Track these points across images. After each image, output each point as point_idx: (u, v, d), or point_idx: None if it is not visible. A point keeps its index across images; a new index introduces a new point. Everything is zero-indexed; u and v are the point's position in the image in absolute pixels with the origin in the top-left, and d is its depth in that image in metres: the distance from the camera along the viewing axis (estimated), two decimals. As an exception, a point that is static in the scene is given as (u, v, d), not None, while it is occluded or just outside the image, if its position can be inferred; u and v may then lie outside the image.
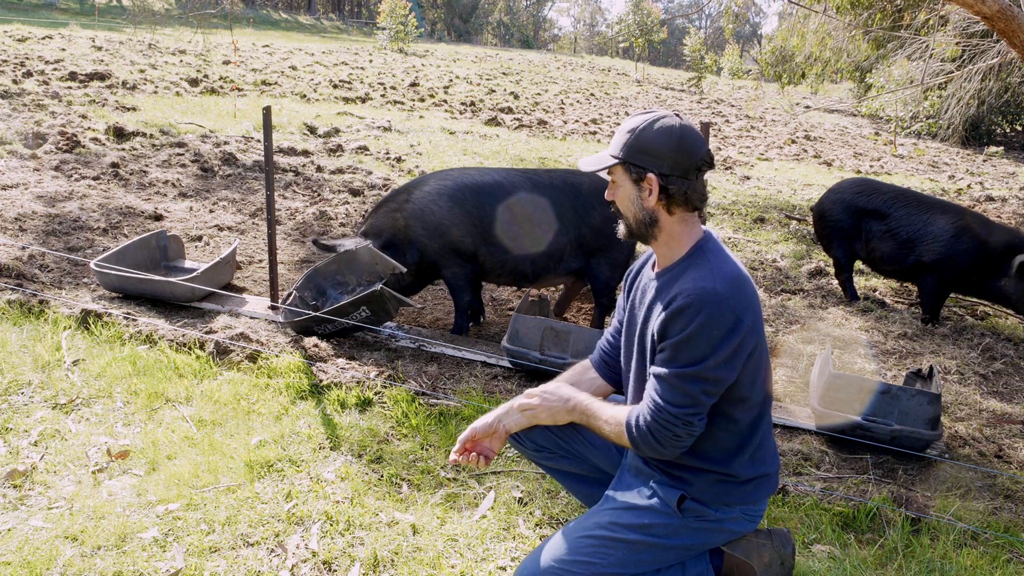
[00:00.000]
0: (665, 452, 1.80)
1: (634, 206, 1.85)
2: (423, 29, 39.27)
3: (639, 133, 1.81)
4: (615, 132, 1.90)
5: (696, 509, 1.88)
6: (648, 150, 1.80)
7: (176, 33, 21.93)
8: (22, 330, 3.65)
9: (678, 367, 1.74)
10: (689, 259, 1.84)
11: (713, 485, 1.88)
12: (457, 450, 2.01)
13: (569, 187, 3.93)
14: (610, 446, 2.10)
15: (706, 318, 1.71)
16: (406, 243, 3.93)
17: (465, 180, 3.94)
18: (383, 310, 3.66)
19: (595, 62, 38.27)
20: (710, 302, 1.71)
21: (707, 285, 1.73)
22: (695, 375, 1.73)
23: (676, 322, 1.74)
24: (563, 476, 2.24)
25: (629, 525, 1.86)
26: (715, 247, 1.85)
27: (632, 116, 1.86)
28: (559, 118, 15.04)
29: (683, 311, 1.73)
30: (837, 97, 30.53)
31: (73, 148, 7.51)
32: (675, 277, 1.83)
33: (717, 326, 1.71)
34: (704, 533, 1.90)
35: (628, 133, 1.82)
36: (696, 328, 1.71)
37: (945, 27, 9.80)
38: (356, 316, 3.67)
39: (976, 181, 11.50)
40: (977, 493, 2.92)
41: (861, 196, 5.10)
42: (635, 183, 1.83)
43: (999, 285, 4.55)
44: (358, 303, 3.60)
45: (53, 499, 2.50)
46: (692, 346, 1.72)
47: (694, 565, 1.94)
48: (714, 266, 1.79)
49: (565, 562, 1.85)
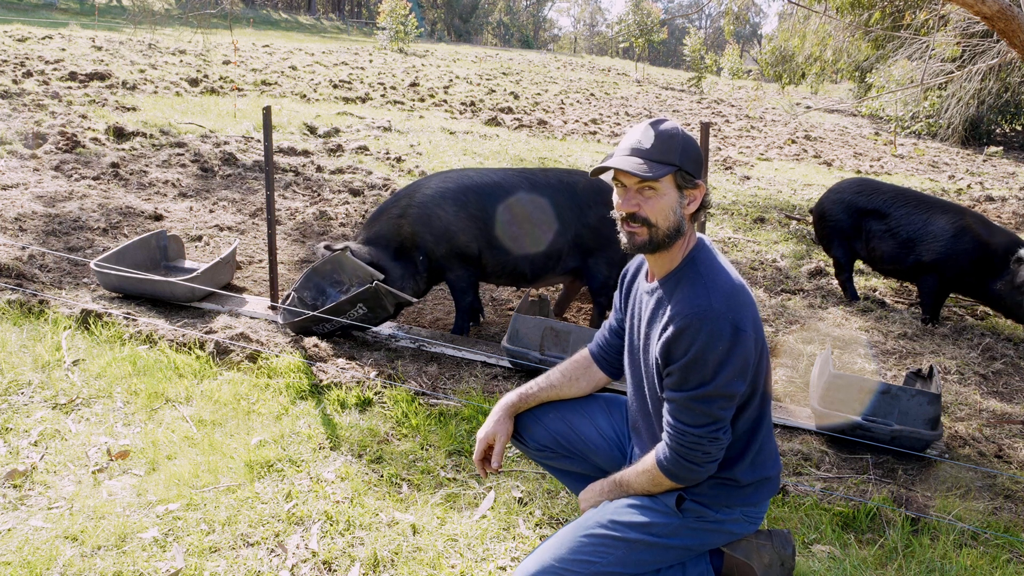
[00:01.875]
0: (703, 471, 1.79)
1: (674, 216, 1.78)
2: (423, 29, 39.26)
3: (683, 139, 1.77)
4: (640, 135, 1.78)
5: (696, 510, 1.87)
6: (695, 158, 1.79)
7: (176, 33, 21.94)
8: (22, 330, 3.65)
9: (690, 390, 1.72)
10: (682, 271, 1.82)
11: (713, 488, 1.87)
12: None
13: (565, 187, 3.92)
14: (610, 445, 2.10)
15: (707, 337, 1.68)
16: (414, 250, 3.90)
17: (466, 182, 3.92)
18: (380, 307, 3.64)
19: (595, 62, 38.27)
20: (708, 319, 1.69)
21: (702, 303, 1.71)
22: (708, 395, 1.71)
23: (678, 346, 1.72)
24: (564, 475, 2.24)
25: (629, 524, 1.86)
26: (706, 256, 1.83)
27: (655, 120, 1.81)
28: (559, 118, 15.04)
29: (683, 333, 1.70)
30: (837, 97, 30.53)
31: (73, 148, 7.51)
32: (669, 292, 1.81)
33: (720, 341, 1.69)
34: (704, 534, 1.90)
35: (671, 137, 1.76)
36: (699, 349, 1.69)
37: (945, 27, 9.80)
38: (353, 314, 3.66)
39: (976, 181, 11.50)
40: (977, 493, 2.92)
41: (861, 196, 5.10)
42: (680, 190, 1.79)
43: (995, 288, 4.54)
44: (354, 300, 3.60)
45: (53, 499, 2.50)
46: (699, 367, 1.70)
47: (694, 566, 1.94)
48: (707, 280, 1.76)
49: (565, 561, 1.84)
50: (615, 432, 2.13)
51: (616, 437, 2.12)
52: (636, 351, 1.94)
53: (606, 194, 4.01)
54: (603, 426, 2.13)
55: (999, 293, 4.52)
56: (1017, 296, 4.43)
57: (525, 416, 2.14)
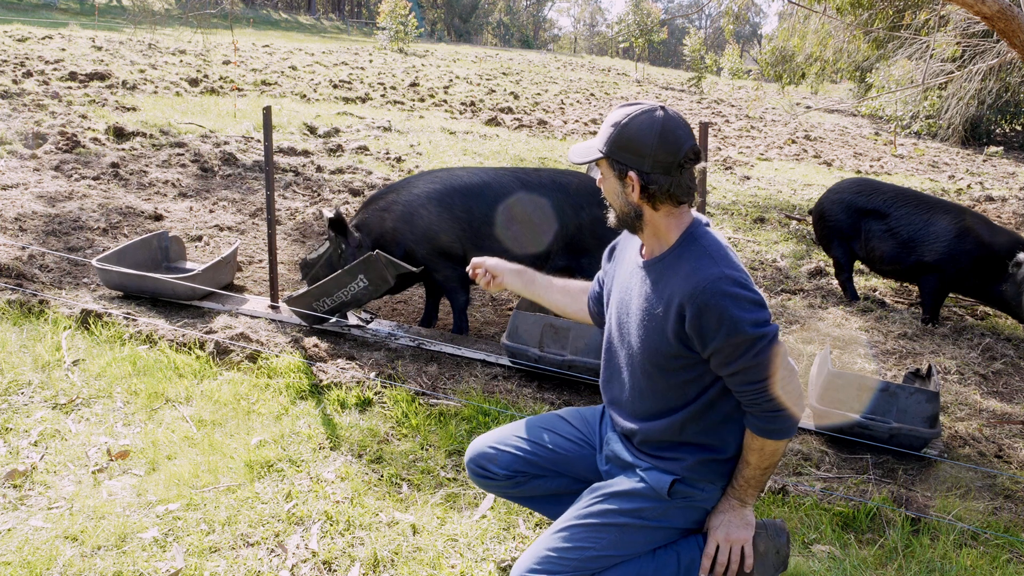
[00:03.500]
0: (798, 409, 1.80)
1: (619, 199, 1.85)
2: (423, 29, 39.26)
3: (622, 128, 1.78)
4: (603, 121, 1.87)
5: (684, 491, 1.90)
6: (630, 147, 1.77)
7: (176, 33, 21.94)
8: (22, 330, 3.65)
9: (742, 356, 1.73)
10: (680, 248, 1.83)
11: (702, 467, 1.90)
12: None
13: (558, 187, 3.92)
14: (584, 452, 2.12)
15: (729, 301, 1.71)
16: (393, 244, 3.89)
17: (452, 182, 3.91)
18: (380, 278, 3.59)
19: (595, 62, 38.28)
20: (719, 282, 1.72)
21: (711, 271, 1.73)
22: (756, 338, 1.72)
23: (707, 321, 1.72)
24: (540, 503, 2.24)
25: (620, 511, 1.90)
26: (706, 234, 1.85)
27: (618, 107, 1.83)
28: (559, 118, 15.04)
29: (704, 311, 1.72)
30: (837, 97, 30.52)
31: (73, 148, 7.51)
32: (668, 267, 1.82)
33: (740, 300, 1.72)
34: (691, 511, 1.94)
35: (612, 127, 1.80)
36: (727, 315, 1.71)
37: (945, 27, 9.80)
38: (355, 288, 3.61)
39: (976, 181, 11.50)
40: (977, 493, 2.92)
41: (860, 196, 5.09)
42: (619, 178, 1.82)
43: (1000, 289, 4.54)
44: (354, 272, 3.57)
45: (53, 499, 2.50)
46: (736, 326, 1.71)
47: (687, 552, 1.95)
48: (712, 252, 1.79)
49: (559, 549, 1.87)
50: (580, 431, 2.15)
51: (582, 434, 2.15)
52: (624, 324, 1.94)
53: (599, 194, 4.00)
54: (566, 430, 2.15)
55: (1003, 295, 4.52)
56: (1020, 297, 4.44)
57: (487, 448, 2.15)
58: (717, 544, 1.90)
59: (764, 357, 1.73)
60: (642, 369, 1.90)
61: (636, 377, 1.93)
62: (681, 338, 1.79)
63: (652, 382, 1.89)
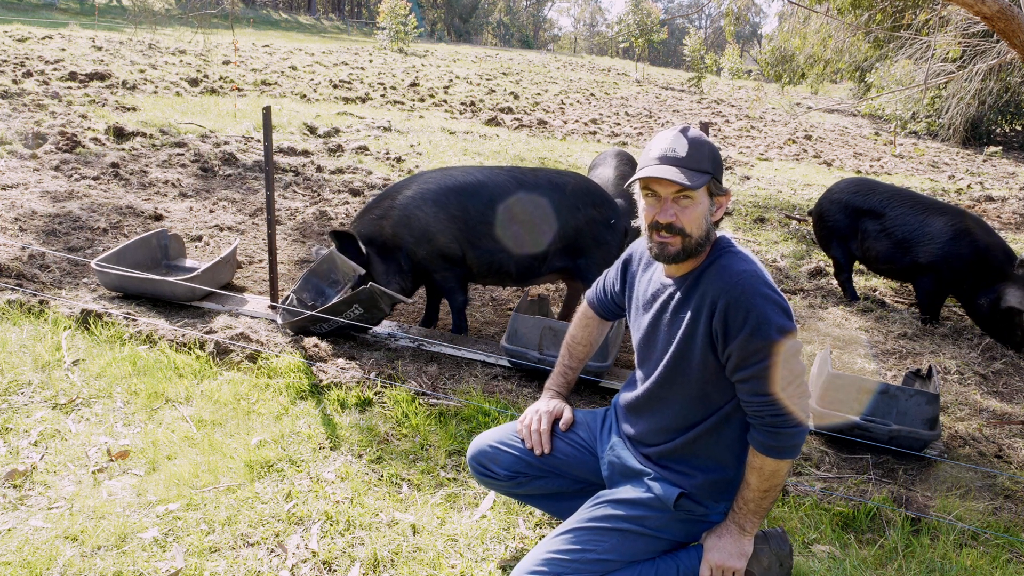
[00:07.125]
0: (804, 428, 1.80)
1: (706, 223, 1.80)
2: (423, 29, 39.25)
3: (711, 147, 1.78)
4: (671, 143, 1.76)
5: (688, 505, 1.91)
6: (721, 165, 1.81)
7: (176, 33, 21.94)
8: (22, 330, 3.64)
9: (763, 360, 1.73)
10: (712, 258, 1.85)
11: (711, 486, 1.91)
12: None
13: (555, 187, 3.91)
14: (584, 457, 2.12)
15: (760, 299, 1.72)
16: (396, 250, 3.91)
17: (447, 182, 3.90)
18: (376, 307, 3.64)
19: (595, 62, 38.27)
20: (754, 280, 1.74)
21: (746, 268, 1.76)
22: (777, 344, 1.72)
23: (733, 316, 1.73)
24: (541, 501, 2.25)
25: (623, 516, 1.91)
26: (733, 245, 1.88)
27: (687, 128, 1.79)
28: (559, 118, 15.04)
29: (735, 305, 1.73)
30: (837, 97, 30.53)
31: (73, 148, 7.51)
32: (700, 275, 1.83)
33: (771, 292, 1.74)
34: (692, 524, 1.95)
35: (703, 145, 1.76)
36: (755, 312, 1.71)
37: (946, 27, 9.80)
38: (350, 315, 3.65)
39: (976, 181, 11.50)
40: (977, 493, 2.92)
41: (858, 196, 5.09)
42: (712, 198, 1.81)
43: (978, 303, 4.51)
44: (350, 301, 3.60)
45: (53, 499, 2.49)
46: (761, 326, 1.72)
47: (687, 562, 1.95)
48: (739, 252, 1.83)
49: (561, 551, 1.88)
50: (581, 435, 2.15)
51: (583, 439, 2.15)
52: (651, 338, 1.94)
53: (595, 195, 4.00)
54: (567, 434, 2.16)
55: (980, 310, 4.49)
56: (997, 317, 4.41)
57: (489, 447, 2.15)
58: (710, 568, 1.90)
59: (778, 366, 1.74)
60: (665, 378, 1.91)
61: (657, 387, 1.94)
62: (708, 339, 1.79)
63: (672, 392, 1.90)
